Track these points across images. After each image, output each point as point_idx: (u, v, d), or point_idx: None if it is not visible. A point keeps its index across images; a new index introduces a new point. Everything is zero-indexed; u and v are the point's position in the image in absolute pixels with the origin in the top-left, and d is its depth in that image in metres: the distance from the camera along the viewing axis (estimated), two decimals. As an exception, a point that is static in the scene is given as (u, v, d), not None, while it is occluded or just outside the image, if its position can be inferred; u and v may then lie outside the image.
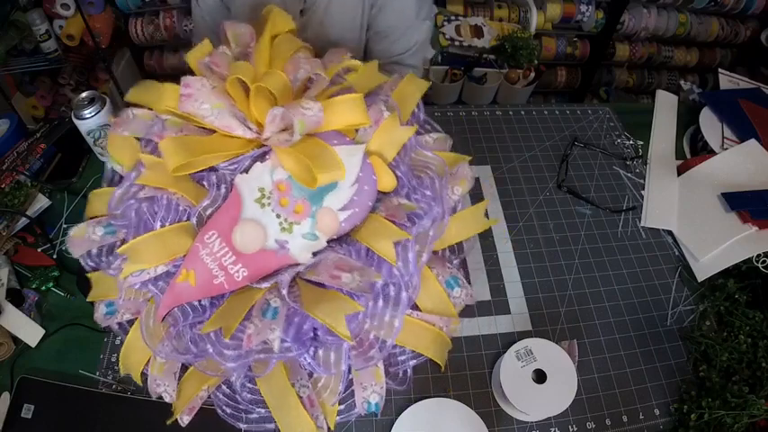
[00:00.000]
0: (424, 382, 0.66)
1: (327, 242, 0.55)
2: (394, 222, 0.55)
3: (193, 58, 0.62)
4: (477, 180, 0.89)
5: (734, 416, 0.60)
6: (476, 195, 0.85)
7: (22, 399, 0.61)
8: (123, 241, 0.57)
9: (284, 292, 0.51)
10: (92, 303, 0.69)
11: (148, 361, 0.60)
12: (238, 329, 0.50)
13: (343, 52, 0.66)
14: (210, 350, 0.51)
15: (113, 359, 0.66)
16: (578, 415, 0.64)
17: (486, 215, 0.84)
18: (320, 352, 0.54)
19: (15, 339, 0.67)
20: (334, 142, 0.57)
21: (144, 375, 0.60)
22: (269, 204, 0.56)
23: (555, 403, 0.60)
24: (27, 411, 0.61)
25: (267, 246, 0.54)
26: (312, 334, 0.52)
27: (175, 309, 0.53)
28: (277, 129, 0.56)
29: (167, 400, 0.59)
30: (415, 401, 0.63)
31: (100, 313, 0.61)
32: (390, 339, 0.55)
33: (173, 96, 0.57)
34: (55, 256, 0.75)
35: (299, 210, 0.56)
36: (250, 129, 0.57)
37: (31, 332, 0.67)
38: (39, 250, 0.76)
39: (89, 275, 0.62)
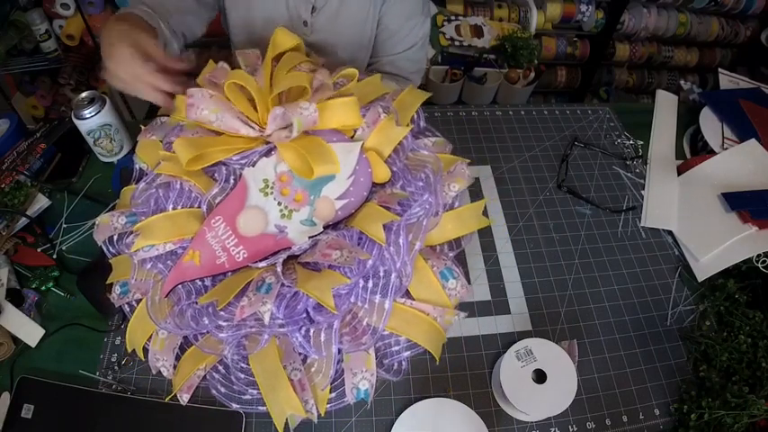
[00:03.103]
0: (424, 382, 0.66)
1: (324, 228, 0.60)
2: (386, 208, 0.58)
3: (201, 77, 0.68)
4: (477, 180, 0.89)
5: (734, 416, 0.60)
6: (476, 196, 0.85)
7: (22, 399, 0.61)
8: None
9: (279, 269, 0.55)
10: (92, 303, 0.70)
11: (151, 336, 0.63)
12: (234, 304, 0.54)
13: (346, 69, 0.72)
14: (207, 322, 0.55)
15: (113, 359, 0.66)
16: (578, 415, 0.64)
17: (486, 215, 0.84)
18: (311, 332, 0.57)
19: (15, 339, 0.67)
20: (333, 140, 0.63)
21: (146, 350, 0.63)
22: (271, 193, 0.62)
23: (555, 403, 0.60)
24: (27, 411, 0.61)
25: (267, 230, 0.61)
26: (305, 314, 0.56)
27: (179, 287, 0.58)
28: (278, 126, 0.62)
29: (165, 374, 0.61)
30: (415, 401, 0.63)
31: (115, 293, 0.65)
32: (381, 324, 0.57)
33: (183, 107, 0.64)
34: (55, 256, 0.75)
35: (298, 198, 0.62)
36: (253, 128, 0.63)
37: (31, 332, 0.67)
38: (39, 250, 0.76)
39: (111, 260, 0.66)
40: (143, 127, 0.74)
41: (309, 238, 0.59)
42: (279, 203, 0.62)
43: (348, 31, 0.89)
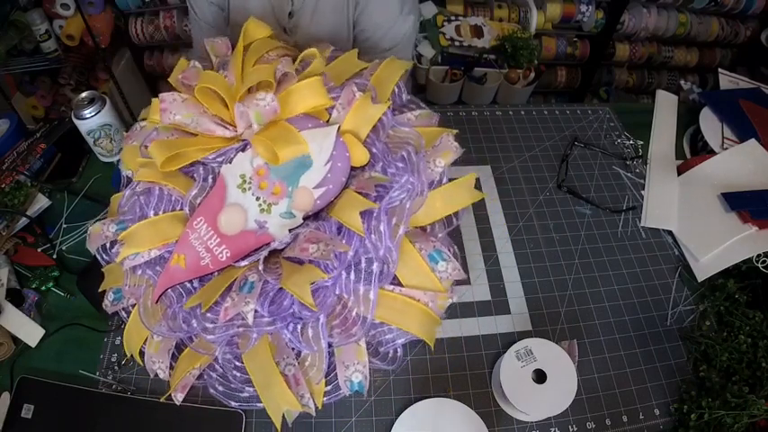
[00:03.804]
0: (424, 382, 0.66)
1: (304, 219, 0.59)
2: (363, 194, 0.56)
3: (173, 77, 0.67)
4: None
5: (734, 416, 0.60)
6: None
7: (22, 399, 0.61)
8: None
9: (260, 267, 0.55)
10: (92, 303, 0.70)
11: (147, 339, 0.62)
12: (220, 304, 0.54)
13: (325, 46, 0.69)
14: (195, 324, 0.55)
15: (113, 359, 0.66)
16: (578, 415, 0.64)
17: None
18: (299, 328, 0.56)
19: (15, 339, 0.67)
20: (308, 126, 0.61)
21: (143, 354, 0.62)
22: (249, 189, 0.61)
23: (555, 403, 0.60)
24: (27, 411, 0.61)
25: (248, 227, 0.60)
26: (291, 309, 0.55)
27: (170, 291, 0.58)
28: (246, 124, 0.62)
29: (161, 376, 0.61)
30: (415, 401, 0.63)
31: (108, 300, 0.65)
32: (369, 314, 0.56)
33: (157, 110, 0.63)
34: (55, 256, 0.76)
35: (276, 191, 0.60)
36: (228, 128, 0.62)
37: (31, 332, 0.67)
38: (39, 250, 0.76)
39: (103, 269, 0.66)
40: (124, 134, 0.73)
41: (290, 231, 0.58)
42: (257, 198, 0.60)
43: (325, 36, 0.88)
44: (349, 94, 0.62)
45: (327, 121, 0.63)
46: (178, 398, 0.60)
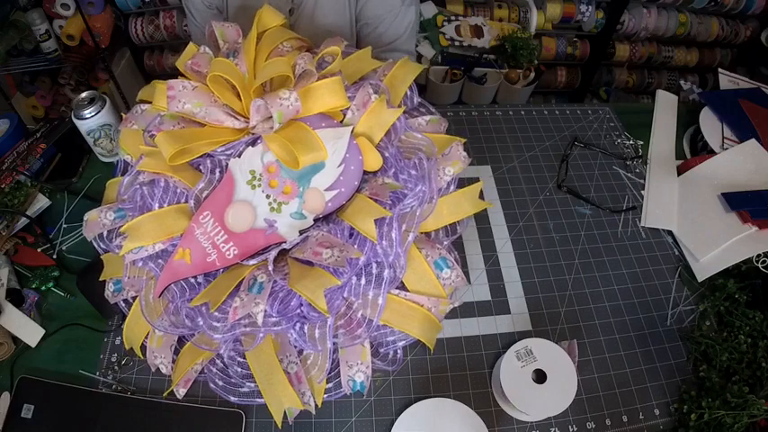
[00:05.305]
0: (424, 382, 0.66)
1: (314, 221, 0.58)
2: (377, 201, 0.56)
3: (181, 62, 0.65)
4: (477, 181, 0.89)
5: (734, 416, 0.60)
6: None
7: (22, 399, 0.61)
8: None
9: (270, 267, 0.54)
10: (92, 303, 0.70)
11: (149, 334, 0.62)
12: (227, 303, 0.53)
13: (338, 41, 0.68)
14: (201, 323, 0.54)
15: (113, 359, 0.66)
16: (578, 415, 0.64)
17: (485, 210, 0.84)
18: (306, 328, 0.56)
19: (15, 339, 0.67)
20: (322, 125, 0.60)
21: (144, 348, 0.62)
22: (259, 186, 0.60)
23: (555, 403, 0.60)
24: (27, 411, 0.61)
25: (257, 225, 0.58)
26: (299, 310, 0.54)
27: (173, 285, 0.57)
28: (262, 118, 0.60)
29: (163, 371, 0.61)
30: (415, 401, 0.63)
31: (109, 291, 0.64)
32: (375, 318, 0.56)
33: (164, 96, 0.61)
34: (55, 256, 0.75)
35: (287, 190, 0.59)
36: (238, 119, 0.61)
37: (31, 332, 0.67)
38: (39, 250, 0.76)
39: (102, 256, 0.65)
40: (123, 115, 0.70)
41: (300, 232, 0.57)
42: (267, 196, 0.59)
43: (327, 31, 0.87)
44: (364, 96, 0.61)
45: (341, 121, 0.62)
46: (180, 392, 0.61)
